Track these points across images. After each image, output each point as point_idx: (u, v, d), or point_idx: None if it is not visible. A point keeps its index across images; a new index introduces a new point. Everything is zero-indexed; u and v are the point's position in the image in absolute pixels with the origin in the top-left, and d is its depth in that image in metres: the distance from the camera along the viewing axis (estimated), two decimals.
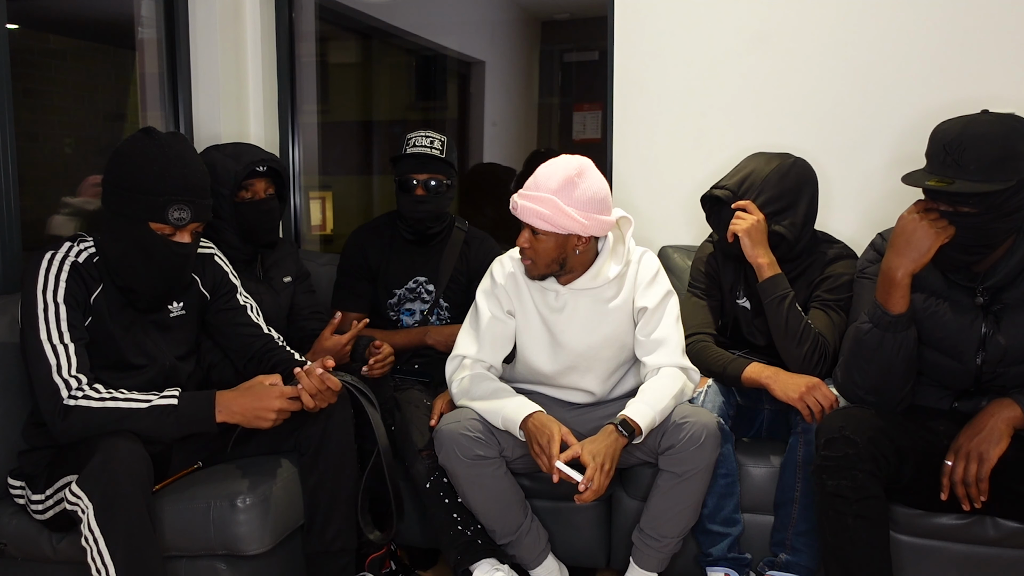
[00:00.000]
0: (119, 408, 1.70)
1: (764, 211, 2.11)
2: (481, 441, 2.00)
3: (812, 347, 2.04)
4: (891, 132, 2.59)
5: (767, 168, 2.16)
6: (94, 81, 3.83)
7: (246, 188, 2.24)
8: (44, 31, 3.59)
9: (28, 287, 1.74)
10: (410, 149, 2.44)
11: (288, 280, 2.41)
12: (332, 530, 1.96)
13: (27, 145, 3.34)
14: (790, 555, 2.00)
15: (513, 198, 2.01)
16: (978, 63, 2.50)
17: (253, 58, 3.10)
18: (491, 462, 2.01)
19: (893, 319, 1.78)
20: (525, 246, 2.01)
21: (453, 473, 2.03)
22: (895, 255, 1.77)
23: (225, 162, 2.19)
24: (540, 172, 1.99)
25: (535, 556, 2.10)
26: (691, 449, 1.93)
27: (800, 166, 2.18)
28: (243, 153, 2.23)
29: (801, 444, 1.99)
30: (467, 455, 1.98)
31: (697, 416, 1.97)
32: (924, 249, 1.74)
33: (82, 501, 1.61)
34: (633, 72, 2.82)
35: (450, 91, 4.43)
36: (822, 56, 2.65)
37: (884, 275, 1.79)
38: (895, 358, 1.80)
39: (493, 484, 2.03)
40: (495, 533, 2.08)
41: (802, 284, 2.18)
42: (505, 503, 2.06)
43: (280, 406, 1.79)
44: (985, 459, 1.70)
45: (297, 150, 3.34)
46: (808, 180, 2.17)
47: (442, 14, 4.11)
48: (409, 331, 2.52)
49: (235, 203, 2.22)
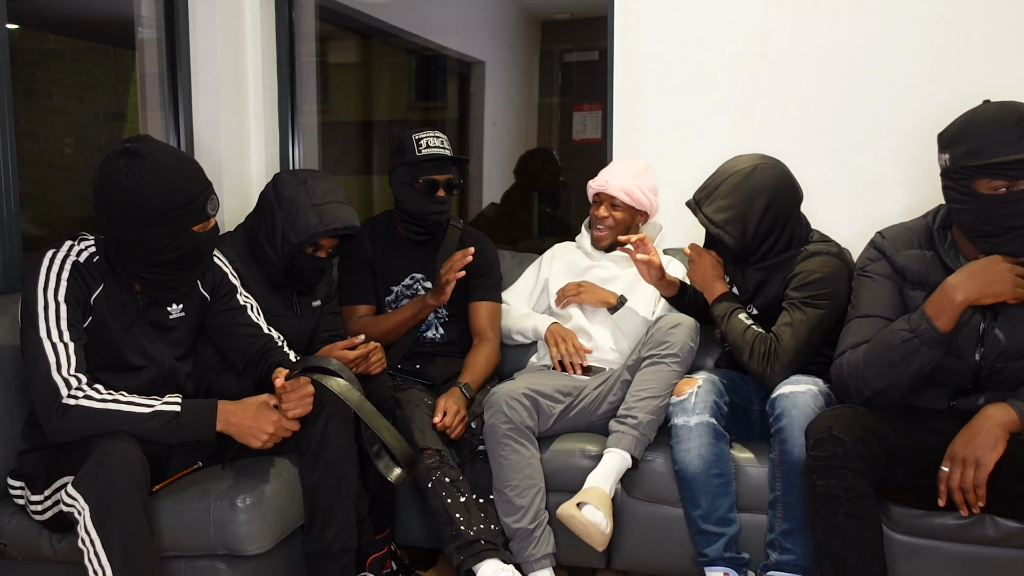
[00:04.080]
0: (120, 411, 1.70)
1: (714, 219, 2.14)
2: (529, 412, 2.18)
3: (751, 351, 2.09)
4: (891, 132, 2.59)
5: (724, 175, 2.18)
6: (94, 81, 3.84)
7: (315, 246, 2.19)
8: (44, 31, 3.60)
9: (29, 285, 1.74)
10: (424, 151, 2.43)
11: (317, 304, 2.36)
12: (332, 530, 1.95)
13: (27, 145, 3.35)
14: (780, 554, 2.00)
15: (604, 179, 2.55)
16: (978, 62, 2.50)
17: (253, 58, 3.10)
18: (532, 438, 2.19)
19: (938, 336, 1.76)
20: (605, 215, 2.55)
21: (496, 434, 2.14)
22: (967, 278, 1.75)
23: (307, 216, 2.11)
24: (619, 164, 2.64)
25: (539, 558, 2.11)
26: (666, 328, 2.21)
27: (759, 174, 2.14)
28: (329, 211, 2.12)
29: (776, 444, 1.99)
30: (517, 419, 2.15)
31: (676, 315, 2.28)
32: (995, 292, 1.74)
33: (78, 503, 1.61)
34: (633, 72, 2.82)
35: (450, 91, 4.43)
36: (822, 56, 2.65)
37: (944, 293, 1.77)
38: (920, 372, 1.79)
39: (530, 458, 2.16)
40: (518, 512, 2.10)
41: (777, 279, 2.19)
42: (535, 482, 2.14)
43: (273, 430, 1.80)
44: (982, 464, 1.69)
45: (297, 150, 3.34)
46: (765, 189, 2.13)
47: (442, 14, 4.10)
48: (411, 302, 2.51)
49: (298, 251, 2.16)
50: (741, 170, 2.16)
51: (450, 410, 2.23)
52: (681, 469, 2.07)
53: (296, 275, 2.22)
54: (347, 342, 2.18)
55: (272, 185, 2.21)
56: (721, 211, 2.14)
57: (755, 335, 2.10)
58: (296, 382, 1.83)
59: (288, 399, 1.82)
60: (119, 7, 3.11)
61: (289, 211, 2.13)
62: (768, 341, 2.08)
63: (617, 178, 2.55)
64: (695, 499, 2.06)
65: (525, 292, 2.69)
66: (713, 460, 2.04)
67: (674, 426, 2.11)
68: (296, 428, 1.85)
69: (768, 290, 2.21)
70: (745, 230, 2.13)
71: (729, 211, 2.13)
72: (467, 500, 2.10)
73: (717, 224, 2.14)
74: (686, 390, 2.14)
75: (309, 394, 1.84)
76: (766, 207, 2.13)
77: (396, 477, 1.91)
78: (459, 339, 2.61)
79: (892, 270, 1.94)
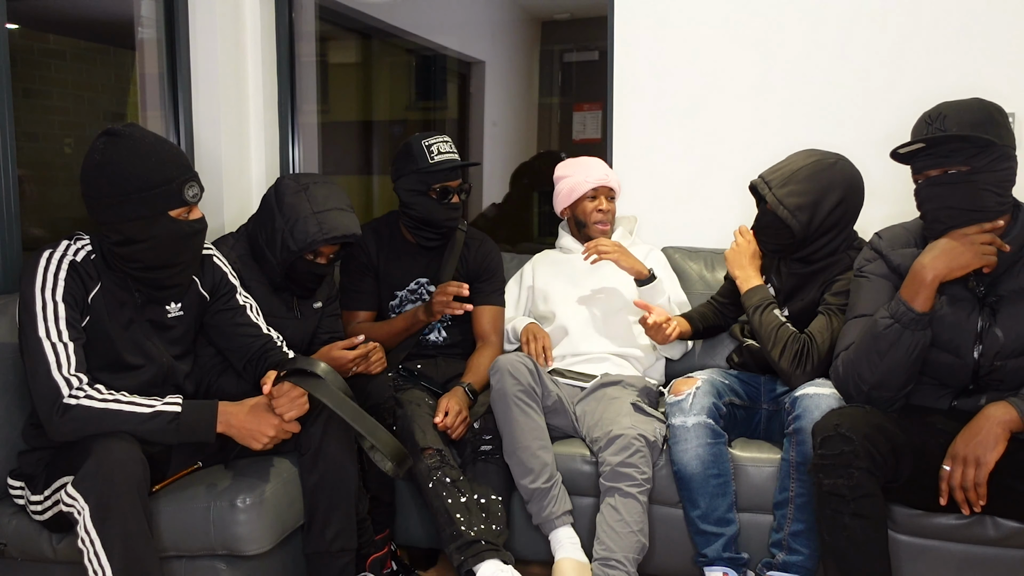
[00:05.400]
0: (121, 411, 1.70)
1: (786, 201, 2.11)
2: (534, 377, 2.21)
3: (783, 348, 2.07)
4: (892, 131, 2.59)
5: (804, 162, 2.15)
6: (94, 81, 3.84)
7: (315, 253, 2.19)
8: (44, 31, 3.60)
9: (27, 285, 1.74)
10: (437, 157, 2.43)
11: (318, 306, 2.36)
12: (332, 530, 1.95)
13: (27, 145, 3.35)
14: (787, 555, 2.00)
15: (603, 173, 2.60)
16: (979, 60, 2.51)
17: (253, 58, 3.10)
18: (537, 400, 2.21)
19: (916, 316, 1.79)
20: (608, 209, 2.60)
21: (506, 396, 2.16)
22: (933, 257, 1.79)
23: (307, 224, 2.11)
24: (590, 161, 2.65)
25: (559, 515, 2.12)
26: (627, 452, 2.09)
27: (840, 168, 2.15)
28: (329, 219, 2.13)
29: (793, 444, 1.98)
30: (524, 381, 2.18)
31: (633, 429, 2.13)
32: (962, 263, 1.77)
33: (78, 503, 1.61)
34: (633, 72, 2.82)
35: (450, 91, 4.43)
36: (821, 56, 2.65)
37: (915, 274, 1.81)
38: (907, 357, 1.81)
39: (538, 419, 2.18)
40: (532, 473, 2.11)
41: (815, 284, 2.18)
42: (545, 443, 2.17)
43: (274, 434, 1.80)
44: (982, 463, 1.70)
45: (297, 150, 3.34)
46: (843, 183, 2.13)
47: (442, 14, 4.10)
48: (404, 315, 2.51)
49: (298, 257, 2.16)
50: (823, 160, 2.15)
51: (452, 410, 2.23)
52: (679, 470, 2.07)
53: (296, 280, 2.22)
54: (347, 342, 2.18)
55: (274, 189, 2.21)
56: (794, 195, 2.11)
57: (789, 333, 2.09)
58: (282, 387, 1.82)
59: (279, 403, 1.81)
60: (119, 7, 3.11)
61: (289, 217, 2.13)
62: (802, 341, 2.07)
63: (606, 171, 2.63)
64: (693, 499, 2.06)
65: (511, 304, 2.70)
66: (711, 461, 2.04)
67: (671, 426, 2.11)
68: (296, 429, 1.85)
69: (805, 295, 2.19)
70: (812, 219, 2.11)
71: (802, 196, 2.11)
72: (468, 500, 2.10)
73: (788, 207, 2.11)
74: (684, 391, 2.13)
75: (301, 394, 1.83)
76: (839, 201, 2.12)
77: (390, 469, 1.89)
78: (461, 341, 2.61)
79: (888, 269, 1.95)
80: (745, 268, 2.24)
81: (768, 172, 2.19)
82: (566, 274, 2.62)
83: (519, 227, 3.77)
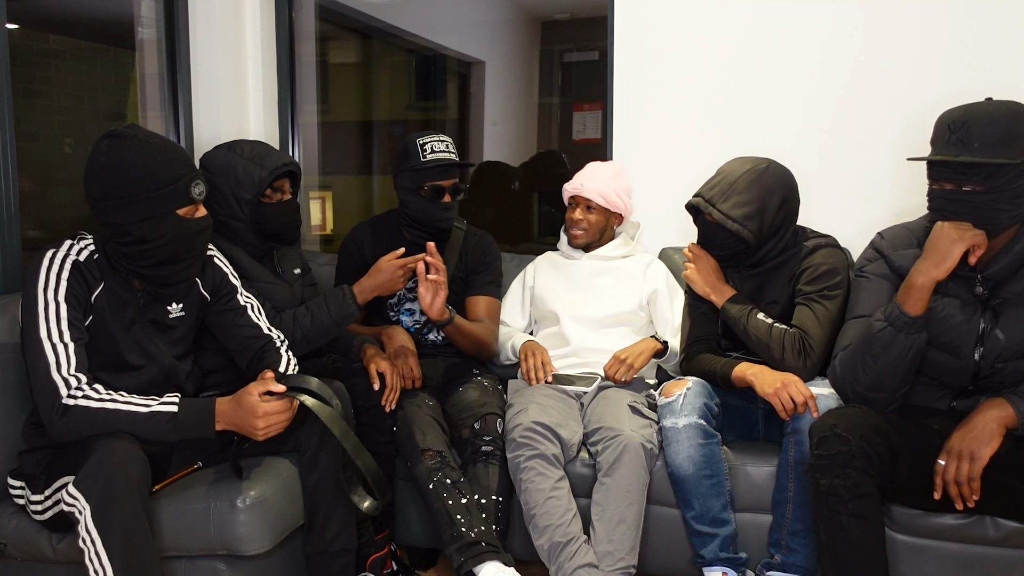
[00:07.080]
0: (119, 410, 1.70)
1: (732, 214, 2.11)
2: (550, 440, 2.15)
3: (782, 347, 2.06)
4: (892, 131, 2.59)
5: (738, 172, 2.16)
6: (94, 81, 3.84)
7: (272, 190, 2.22)
8: (44, 31, 3.60)
9: (29, 285, 1.74)
10: (430, 155, 2.43)
11: (298, 272, 2.41)
12: (332, 530, 1.96)
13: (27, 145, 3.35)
14: (785, 555, 2.00)
15: (579, 182, 2.57)
16: (979, 59, 2.50)
17: (253, 58, 3.11)
18: (557, 464, 2.14)
19: (909, 320, 1.79)
20: (580, 219, 2.56)
21: (517, 465, 2.13)
22: (921, 260, 1.80)
23: (248, 167, 2.15)
24: (594, 167, 2.65)
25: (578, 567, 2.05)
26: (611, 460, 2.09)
27: (773, 171, 2.17)
28: (264, 156, 2.18)
29: (792, 444, 1.99)
30: (540, 448, 2.12)
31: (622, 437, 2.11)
32: (947, 253, 1.76)
33: (79, 502, 1.61)
34: (633, 72, 2.82)
35: (450, 91, 4.43)
36: (822, 55, 2.65)
37: (908, 278, 1.81)
38: (902, 359, 1.81)
39: (557, 481, 2.11)
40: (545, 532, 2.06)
41: (782, 281, 2.19)
42: (562, 504, 2.09)
43: (263, 425, 1.76)
44: (976, 458, 1.70)
45: (297, 150, 3.34)
46: (780, 185, 2.15)
47: (442, 14, 4.11)
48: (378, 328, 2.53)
49: (259, 204, 2.19)
50: (755, 167, 2.16)
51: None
52: (673, 471, 2.08)
53: (274, 226, 2.23)
54: (394, 252, 2.27)
55: (202, 167, 2.20)
56: (740, 206, 2.12)
57: (782, 331, 2.09)
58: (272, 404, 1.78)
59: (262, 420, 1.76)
60: (119, 7, 3.11)
61: (229, 176, 2.15)
62: (797, 335, 2.07)
63: (592, 181, 2.57)
64: (688, 500, 2.06)
65: (516, 306, 2.70)
66: (703, 461, 2.04)
67: (663, 428, 2.11)
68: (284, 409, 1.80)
69: (767, 294, 2.21)
70: (762, 225, 2.13)
71: (748, 206, 2.12)
72: (468, 501, 2.10)
73: (736, 219, 2.11)
74: (675, 392, 2.13)
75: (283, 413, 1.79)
76: (781, 203, 2.14)
77: (368, 508, 1.90)
78: None
79: (889, 270, 1.95)
80: (715, 284, 2.23)
81: (705, 189, 2.20)
82: (566, 277, 2.63)
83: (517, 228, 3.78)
